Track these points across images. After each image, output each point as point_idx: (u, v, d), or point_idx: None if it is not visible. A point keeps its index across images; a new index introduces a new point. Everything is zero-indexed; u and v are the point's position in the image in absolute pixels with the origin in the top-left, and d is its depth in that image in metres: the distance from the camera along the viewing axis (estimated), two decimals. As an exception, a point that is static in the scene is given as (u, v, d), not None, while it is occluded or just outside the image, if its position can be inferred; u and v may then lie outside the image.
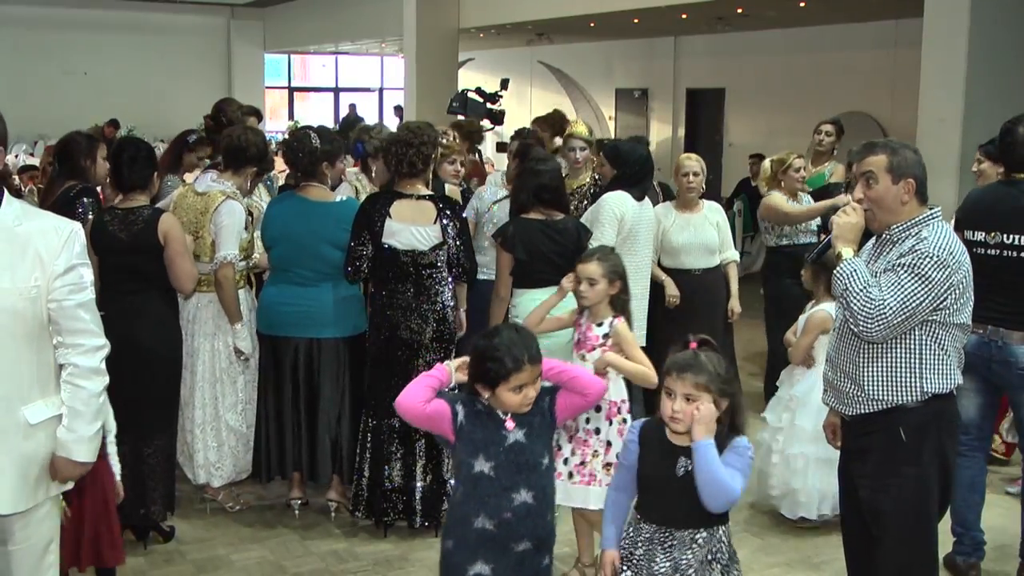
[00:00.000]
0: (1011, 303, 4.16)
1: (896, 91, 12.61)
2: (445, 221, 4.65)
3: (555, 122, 7.44)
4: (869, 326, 3.16)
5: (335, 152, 4.95)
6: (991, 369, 4.23)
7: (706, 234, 6.02)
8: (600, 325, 4.13)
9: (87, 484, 3.49)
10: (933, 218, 3.29)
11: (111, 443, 3.72)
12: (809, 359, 4.97)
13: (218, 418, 4.95)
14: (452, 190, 5.63)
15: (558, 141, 6.98)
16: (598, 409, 4.07)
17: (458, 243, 4.69)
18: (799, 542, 4.88)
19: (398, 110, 21.97)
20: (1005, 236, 4.21)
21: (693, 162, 6.06)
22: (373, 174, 5.69)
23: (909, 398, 3.27)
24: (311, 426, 4.85)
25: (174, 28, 20.69)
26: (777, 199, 6.55)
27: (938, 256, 3.16)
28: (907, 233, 3.28)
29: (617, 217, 5.25)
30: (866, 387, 3.31)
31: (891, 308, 3.13)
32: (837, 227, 3.36)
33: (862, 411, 3.36)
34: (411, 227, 4.62)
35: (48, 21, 19.28)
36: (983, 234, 4.27)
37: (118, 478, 3.76)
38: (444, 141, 5.86)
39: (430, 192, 4.79)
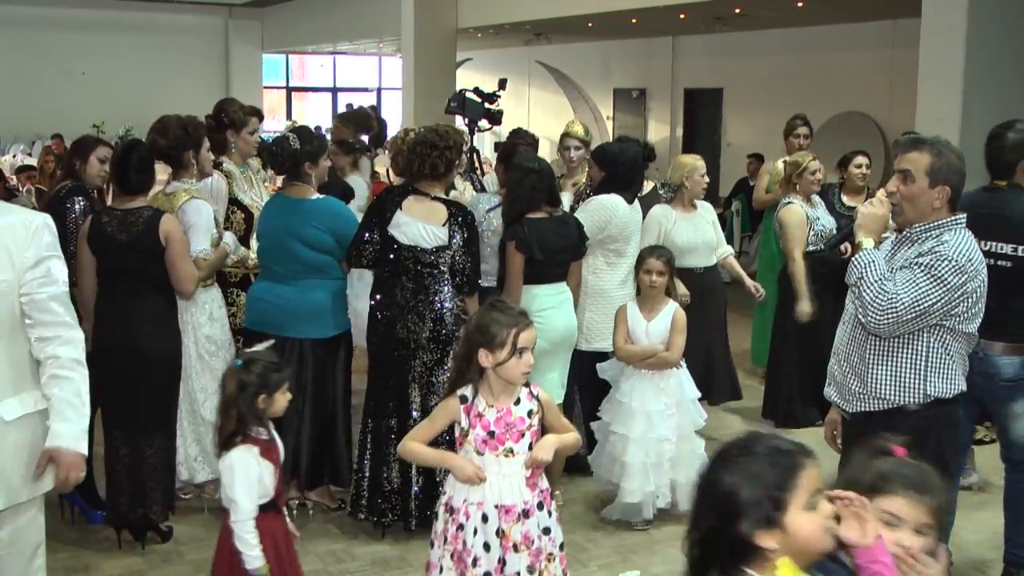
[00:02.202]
0: (991, 313, 3.98)
1: (894, 91, 12.61)
2: (454, 227, 4.65)
3: (358, 119, 7.37)
4: (879, 318, 3.14)
5: (317, 152, 4.96)
6: (973, 381, 4.01)
7: (708, 233, 6.11)
8: (519, 403, 3.26)
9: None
10: (956, 224, 3.27)
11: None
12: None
13: (193, 413, 4.94)
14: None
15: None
16: (540, 506, 3.29)
17: (464, 251, 4.67)
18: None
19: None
20: (984, 243, 4.05)
21: (703, 163, 6.16)
22: None
23: (911, 399, 3.27)
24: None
25: (172, 28, 20.69)
26: (794, 219, 6.32)
27: (956, 260, 3.14)
28: (928, 235, 3.26)
29: (599, 225, 5.22)
30: (870, 383, 3.31)
31: (903, 304, 3.11)
32: (861, 216, 3.34)
33: (864, 409, 3.36)
34: (419, 223, 4.63)
35: (46, 21, 19.27)
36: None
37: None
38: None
39: (446, 197, 4.78)
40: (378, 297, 4.75)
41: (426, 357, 4.65)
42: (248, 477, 3.22)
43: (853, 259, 3.26)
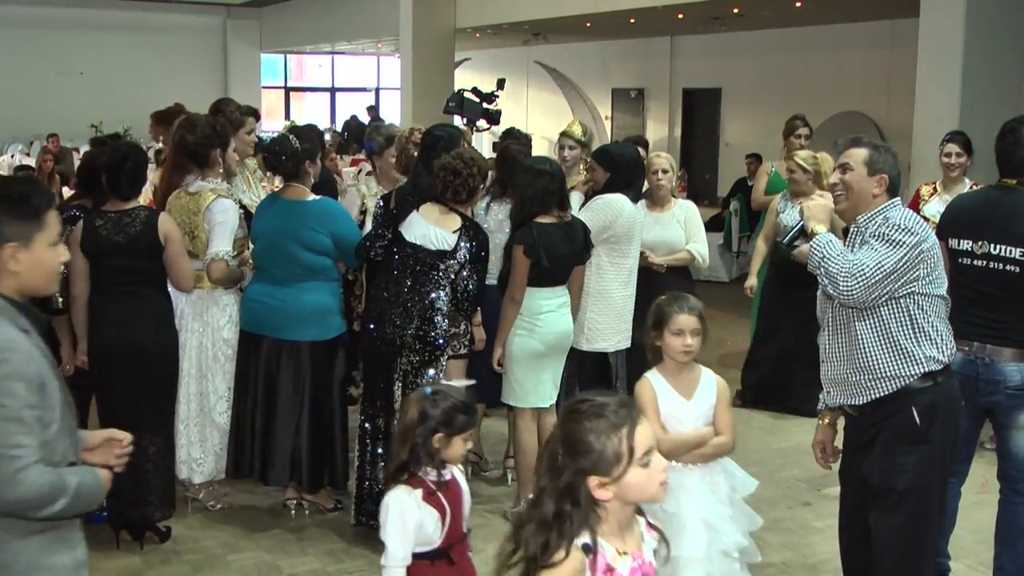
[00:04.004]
0: (997, 318, 3.98)
1: (892, 91, 12.63)
2: (463, 239, 4.64)
3: (167, 117, 7.27)
4: (849, 284, 3.25)
5: (315, 150, 4.98)
6: (978, 389, 4.02)
7: (670, 232, 6.00)
8: (643, 539, 2.34)
9: None
10: (895, 205, 3.41)
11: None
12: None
13: (203, 414, 4.95)
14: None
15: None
16: None
17: (469, 267, 4.65)
18: (795, 539, 4.88)
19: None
20: (992, 247, 4.01)
21: (663, 160, 6.08)
22: (378, 170, 5.96)
23: (915, 369, 3.33)
24: (267, 428, 4.84)
25: (170, 28, 20.68)
26: (771, 206, 6.77)
27: (903, 224, 3.30)
28: (872, 221, 3.39)
29: (604, 223, 5.22)
30: (875, 367, 3.37)
31: (868, 266, 3.24)
32: (808, 209, 3.53)
33: (873, 396, 3.41)
34: (430, 225, 4.64)
35: (44, 21, 19.27)
36: (969, 243, 4.08)
37: None
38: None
39: (463, 212, 4.76)
40: (374, 291, 4.76)
41: (412, 357, 4.60)
42: (403, 521, 2.94)
43: (811, 244, 3.41)
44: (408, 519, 2.93)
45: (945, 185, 6.16)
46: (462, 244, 4.63)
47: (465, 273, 4.65)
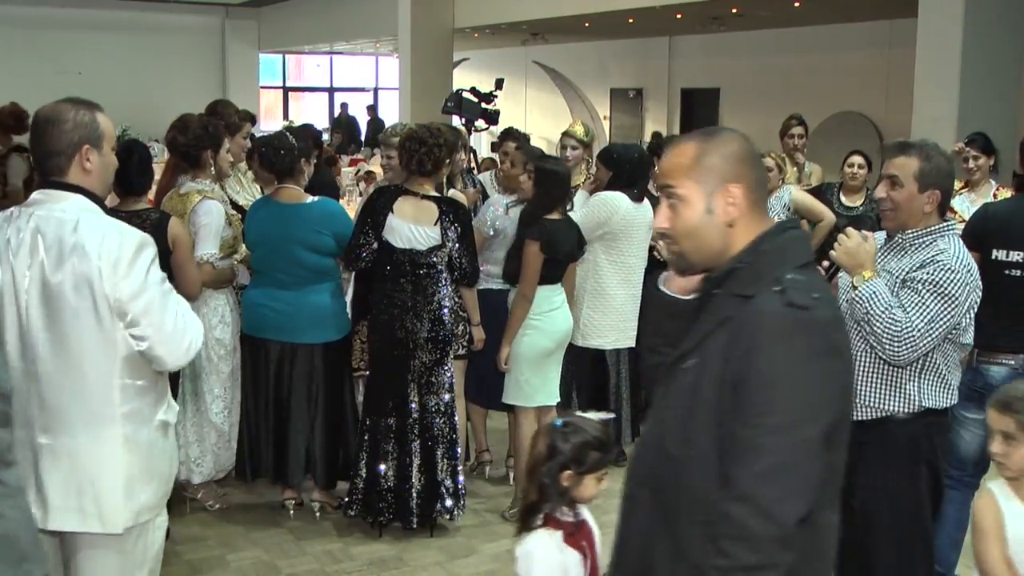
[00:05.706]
0: (1015, 326, 3.87)
1: (890, 91, 12.64)
2: (446, 224, 4.65)
3: (13, 116, 7.22)
4: (896, 350, 3.03)
5: (309, 149, 5.00)
6: None
7: None
8: None
9: None
10: (949, 230, 3.19)
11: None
12: None
13: (199, 414, 4.94)
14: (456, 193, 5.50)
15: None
16: None
17: (458, 246, 4.67)
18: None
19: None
20: (1019, 255, 3.93)
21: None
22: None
23: (908, 407, 3.19)
24: (281, 430, 4.84)
25: (168, 28, 20.66)
26: None
27: (960, 272, 3.06)
28: (921, 241, 3.17)
29: (599, 220, 5.24)
30: (866, 395, 3.22)
31: (918, 330, 3.02)
32: (841, 261, 3.15)
33: (855, 418, 3.33)
34: (410, 225, 4.64)
35: (42, 21, 19.25)
36: (1020, 255, 3.98)
37: None
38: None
39: (436, 194, 4.78)
40: (377, 299, 4.76)
41: (425, 357, 4.66)
42: (548, 568, 2.72)
43: (855, 295, 3.12)
44: (553, 563, 2.71)
45: (969, 185, 6.04)
46: (448, 231, 4.66)
47: (456, 253, 4.68)
